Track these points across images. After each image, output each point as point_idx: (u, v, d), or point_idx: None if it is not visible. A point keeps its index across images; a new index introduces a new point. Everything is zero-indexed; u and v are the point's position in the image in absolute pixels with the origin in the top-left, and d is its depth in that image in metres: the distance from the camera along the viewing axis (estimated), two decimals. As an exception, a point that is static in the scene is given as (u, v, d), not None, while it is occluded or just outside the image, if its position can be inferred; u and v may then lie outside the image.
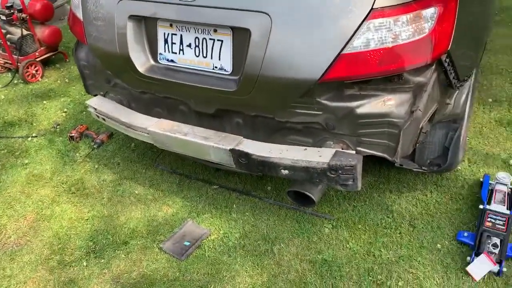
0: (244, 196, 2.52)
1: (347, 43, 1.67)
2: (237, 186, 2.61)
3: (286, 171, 1.94)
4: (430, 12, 1.69)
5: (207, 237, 2.27)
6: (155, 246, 2.26)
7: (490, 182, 2.36)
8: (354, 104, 1.81)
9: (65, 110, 3.57)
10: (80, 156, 2.99)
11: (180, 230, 2.31)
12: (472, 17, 1.99)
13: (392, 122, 1.79)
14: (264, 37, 1.75)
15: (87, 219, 2.47)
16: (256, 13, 1.75)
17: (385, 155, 1.89)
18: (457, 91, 2.08)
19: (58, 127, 3.34)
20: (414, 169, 2.23)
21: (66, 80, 4.10)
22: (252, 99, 1.89)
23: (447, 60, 1.81)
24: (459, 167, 2.56)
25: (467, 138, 2.76)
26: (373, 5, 1.64)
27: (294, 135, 2.03)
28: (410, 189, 2.47)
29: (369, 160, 1.94)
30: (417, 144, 1.96)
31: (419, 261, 2.06)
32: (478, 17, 2.07)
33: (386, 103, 1.80)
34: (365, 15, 1.65)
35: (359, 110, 1.80)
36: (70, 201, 2.61)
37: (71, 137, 3.13)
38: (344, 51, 1.68)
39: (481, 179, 2.43)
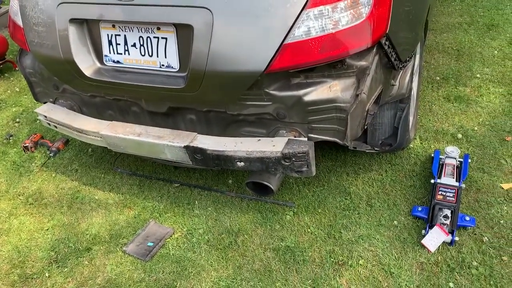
0: (206, 191, 2.54)
1: (288, 32, 1.70)
2: (198, 182, 2.61)
3: (242, 163, 1.96)
4: (366, -3, 1.74)
5: (171, 236, 2.27)
6: (118, 249, 2.24)
7: (440, 157, 2.46)
8: (301, 92, 1.85)
9: (18, 120, 3.47)
10: (36, 166, 2.92)
11: (143, 231, 2.30)
12: (409, 11, 2.05)
13: (339, 107, 1.84)
14: (207, 32, 1.76)
15: (47, 229, 2.42)
16: (197, 8, 1.76)
17: (336, 139, 1.94)
18: (400, 72, 2.15)
19: (11, 138, 3.24)
20: (367, 150, 2.31)
21: (17, 89, 3.97)
22: (201, 94, 1.90)
23: (387, 42, 1.87)
24: (411, 145, 2.66)
25: (418, 116, 2.87)
26: (310, -7, 1.68)
27: (248, 127, 2.05)
28: (366, 170, 2.54)
29: (326, 145, 1.99)
30: (366, 126, 2.02)
31: (377, 238, 2.13)
32: (414, 10, 2.14)
33: (332, 89, 1.85)
34: (303, 4, 1.68)
35: (307, 98, 1.84)
36: (28, 212, 2.55)
37: (26, 147, 3.05)
38: (286, 41, 1.71)
39: (432, 155, 2.54)
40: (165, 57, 1.94)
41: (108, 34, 2.01)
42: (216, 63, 1.79)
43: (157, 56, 1.96)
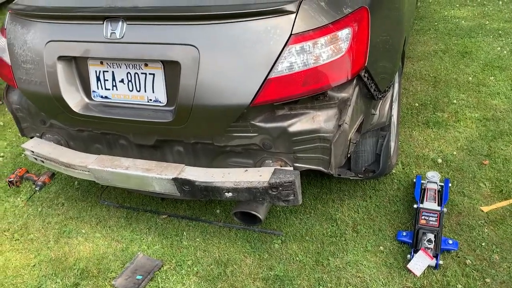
0: (194, 222, 2.55)
1: (272, 68, 1.77)
2: (186, 213, 2.63)
3: (230, 194, 2.00)
4: (345, 32, 1.83)
5: (160, 268, 2.27)
6: (107, 284, 2.23)
7: (422, 181, 2.53)
8: (286, 123, 1.91)
9: (2, 154, 3.45)
10: (22, 201, 2.89)
11: (132, 264, 2.30)
12: (385, 33, 2.16)
13: (323, 137, 1.90)
14: (194, 68, 1.82)
15: (33, 265, 2.39)
16: (184, 46, 1.82)
17: (321, 168, 2.00)
18: (380, 101, 2.24)
19: (-5, 173, 3.22)
20: (352, 177, 2.37)
21: (1, 123, 3.96)
22: (189, 127, 1.95)
23: (366, 75, 1.96)
24: (394, 171, 2.73)
25: (399, 142, 2.96)
26: (292, 31, 1.76)
27: (235, 158, 2.10)
28: (351, 197, 2.60)
29: (311, 173, 2.04)
30: (349, 155, 2.08)
31: (364, 264, 2.17)
32: (391, 31, 2.25)
33: (315, 120, 1.91)
34: (285, 41, 1.76)
35: (291, 129, 1.90)
36: (14, 248, 2.52)
37: (11, 182, 3.03)
38: (270, 76, 1.78)
39: (414, 180, 2.61)
40: (153, 92, 1.99)
41: (96, 71, 2.06)
42: (203, 97, 1.84)
43: (145, 91, 2.01)
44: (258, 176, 1.97)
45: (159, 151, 2.19)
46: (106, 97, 2.09)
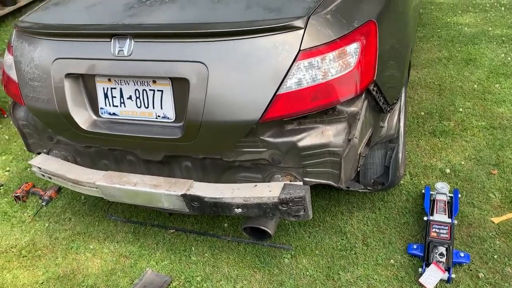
0: (202, 236, 2.54)
1: (281, 84, 1.77)
2: (193, 227, 2.62)
3: (240, 210, 1.99)
4: (354, 47, 1.83)
5: (169, 285, 2.26)
6: (116, 301, 2.22)
7: (431, 193, 2.52)
8: (295, 138, 1.90)
9: (8, 169, 3.44)
10: (29, 216, 2.89)
11: (141, 281, 2.28)
12: (393, 45, 2.15)
13: (332, 151, 1.90)
14: (203, 85, 1.82)
15: (42, 283, 2.38)
16: (192, 63, 1.82)
17: (331, 182, 1.99)
18: (389, 114, 2.23)
19: (1, 187, 3.21)
20: (361, 190, 2.35)
21: (6, 136, 3.96)
22: (197, 143, 1.94)
23: (375, 88, 1.95)
24: (402, 181, 2.72)
25: (406, 152, 2.94)
26: (300, 46, 1.76)
27: (244, 172, 2.09)
28: (359, 209, 2.58)
29: (319, 186, 2.03)
30: (359, 168, 2.07)
31: (375, 278, 2.15)
32: (398, 43, 2.25)
33: (325, 134, 1.91)
34: (294, 57, 1.76)
35: (301, 143, 1.90)
36: (21, 265, 2.51)
37: (17, 197, 3.02)
38: (279, 92, 1.77)
39: (423, 191, 2.60)
40: (161, 109, 1.99)
41: (104, 88, 2.06)
42: (212, 113, 1.84)
43: (153, 108, 2.00)
44: (268, 191, 1.96)
45: (166, 166, 2.19)
46: (114, 114, 2.09)
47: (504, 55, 4.18)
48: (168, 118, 2.00)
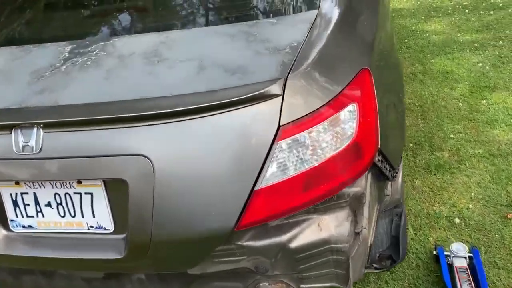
0: None
1: (258, 175, 1.26)
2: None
3: None
4: (349, 110, 1.35)
5: None
6: None
7: (445, 253, 2.07)
8: (284, 237, 1.40)
9: None
10: None
11: None
12: (390, 93, 1.70)
13: (335, 249, 1.41)
14: (148, 186, 1.28)
15: None
16: (129, 157, 1.28)
17: (335, 284, 1.50)
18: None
19: None
20: (365, 271, 1.87)
21: None
22: (149, 261, 1.40)
23: (379, 157, 1.48)
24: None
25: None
26: (279, 121, 1.26)
27: (218, 282, 1.56)
28: (364, 285, 2.10)
29: None
30: (369, 260, 1.60)
31: None
32: (394, 88, 1.81)
33: (322, 227, 1.41)
34: (272, 136, 1.25)
35: (293, 244, 1.39)
36: None
37: None
38: (258, 186, 1.26)
39: (434, 252, 2.14)
40: (94, 217, 1.43)
41: (11, 193, 1.47)
42: (164, 224, 1.30)
43: (82, 216, 1.44)
44: (252, 311, 1.44)
45: (114, 280, 1.63)
46: (30, 227, 1.51)
47: (481, 65, 3.86)
48: (104, 228, 1.44)
